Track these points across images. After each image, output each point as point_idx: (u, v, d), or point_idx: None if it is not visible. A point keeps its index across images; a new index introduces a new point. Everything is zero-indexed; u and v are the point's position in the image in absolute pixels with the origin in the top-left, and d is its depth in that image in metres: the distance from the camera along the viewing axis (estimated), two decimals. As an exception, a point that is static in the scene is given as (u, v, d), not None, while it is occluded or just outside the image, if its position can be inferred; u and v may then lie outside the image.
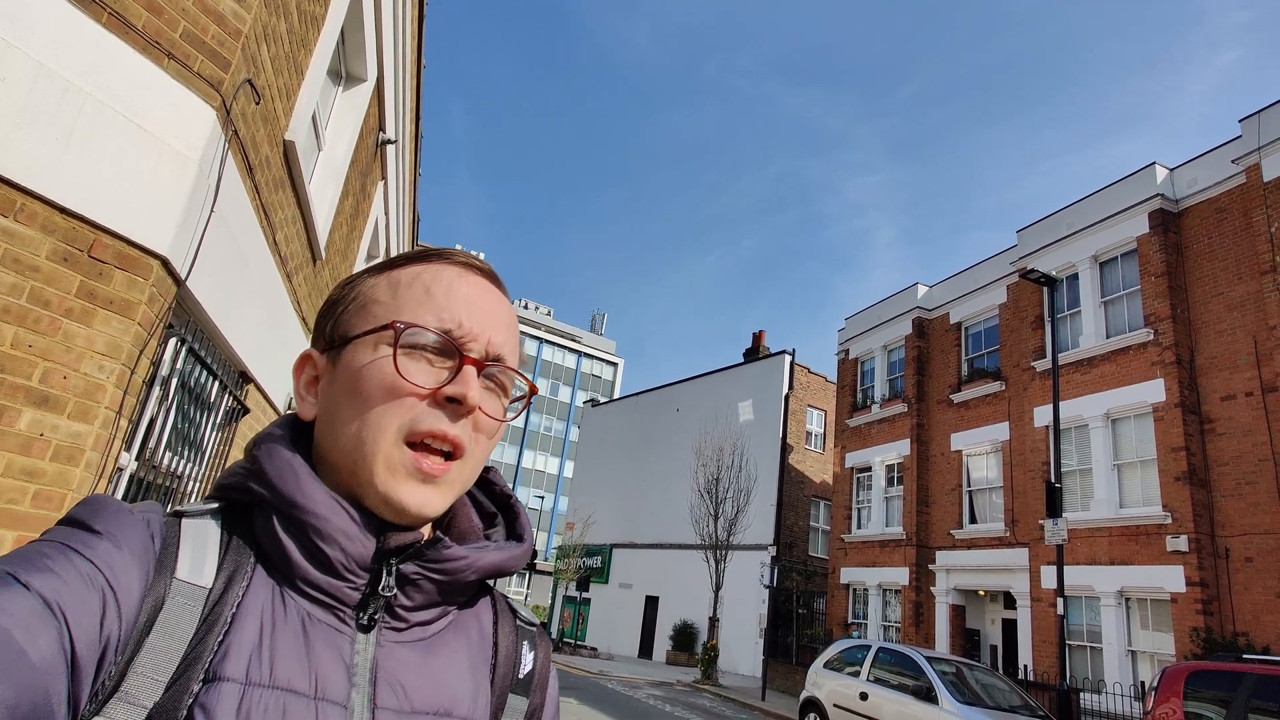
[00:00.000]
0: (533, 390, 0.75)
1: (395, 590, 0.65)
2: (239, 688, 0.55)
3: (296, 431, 0.70)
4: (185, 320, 3.34)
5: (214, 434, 4.21)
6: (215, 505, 0.67)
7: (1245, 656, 7.03)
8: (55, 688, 0.48)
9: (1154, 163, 14.81)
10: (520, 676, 0.76)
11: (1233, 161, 13.35)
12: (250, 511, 0.66)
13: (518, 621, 0.80)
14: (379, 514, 0.65)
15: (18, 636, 0.47)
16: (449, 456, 0.66)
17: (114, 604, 0.54)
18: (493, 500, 0.81)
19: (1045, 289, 15.44)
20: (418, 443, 0.65)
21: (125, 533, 0.58)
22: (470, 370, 0.66)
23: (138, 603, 0.56)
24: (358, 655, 0.63)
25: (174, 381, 3.27)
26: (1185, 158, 14.95)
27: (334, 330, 0.71)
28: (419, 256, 0.72)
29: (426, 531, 0.70)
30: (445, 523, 0.75)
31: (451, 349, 0.67)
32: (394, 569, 0.65)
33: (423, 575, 0.65)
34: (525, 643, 0.78)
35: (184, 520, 0.63)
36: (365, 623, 0.64)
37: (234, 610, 0.59)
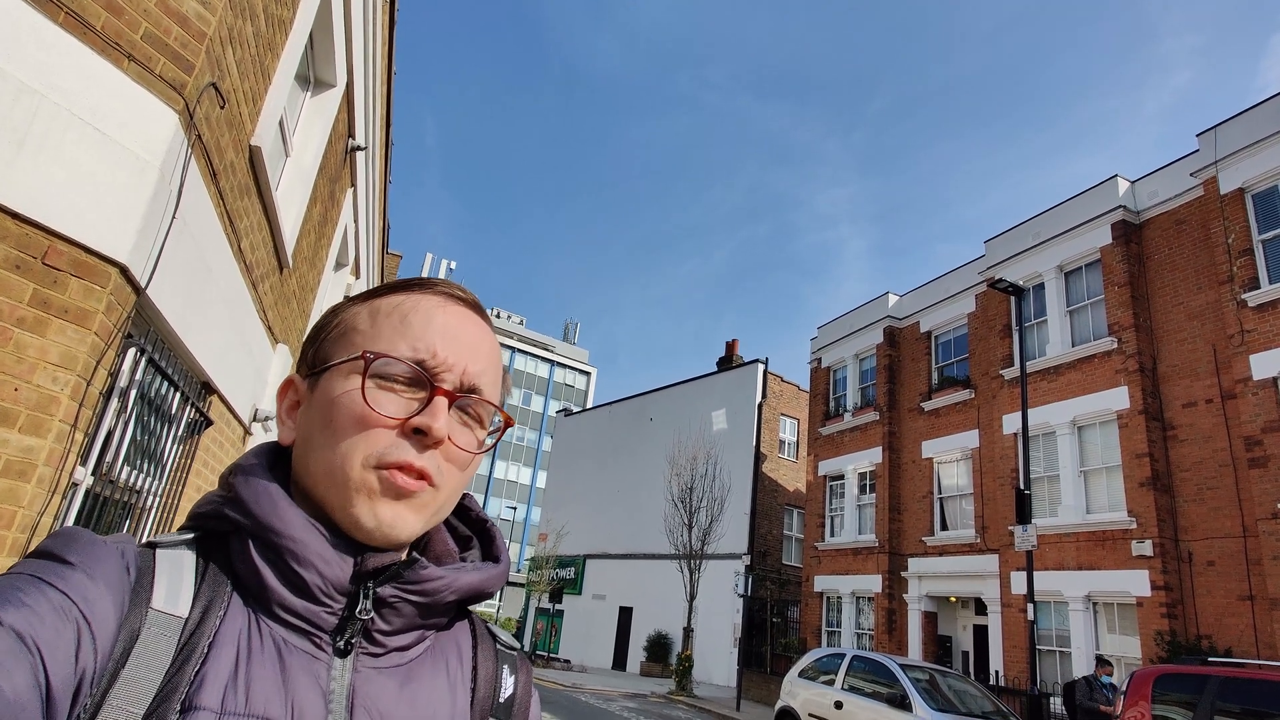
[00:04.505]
0: (508, 423, 0.74)
1: (373, 614, 0.64)
2: (214, 717, 0.55)
3: (273, 459, 0.70)
4: (145, 330, 3.24)
5: (175, 447, 4.08)
6: (191, 535, 0.66)
7: (1210, 659, 7.15)
8: None
9: (1116, 175, 15.18)
10: (501, 701, 0.75)
11: (1191, 174, 13.72)
12: (226, 540, 0.66)
13: (498, 646, 0.79)
14: (353, 536, 0.64)
15: None
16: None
17: (89, 636, 0.53)
18: (468, 525, 0.80)
19: (1013, 298, 15.70)
20: (386, 471, 0.65)
21: (99, 564, 0.57)
22: (441, 401, 0.66)
23: (113, 634, 0.55)
24: (334, 682, 0.62)
25: (133, 393, 3.17)
26: (1142, 174, 15.31)
27: (315, 357, 0.72)
28: (402, 286, 0.73)
29: (403, 555, 0.69)
30: (421, 547, 0.75)
31: (423, 379, 0.66)
32: (371, 592, 0.64)
33: (400, 598, 0.65)
34: (506, 667, 0.78)
35: (158, 550, 0.63)
36: (342, 648, 0.64)
37: (210, 640, 0.59)
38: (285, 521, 0.62)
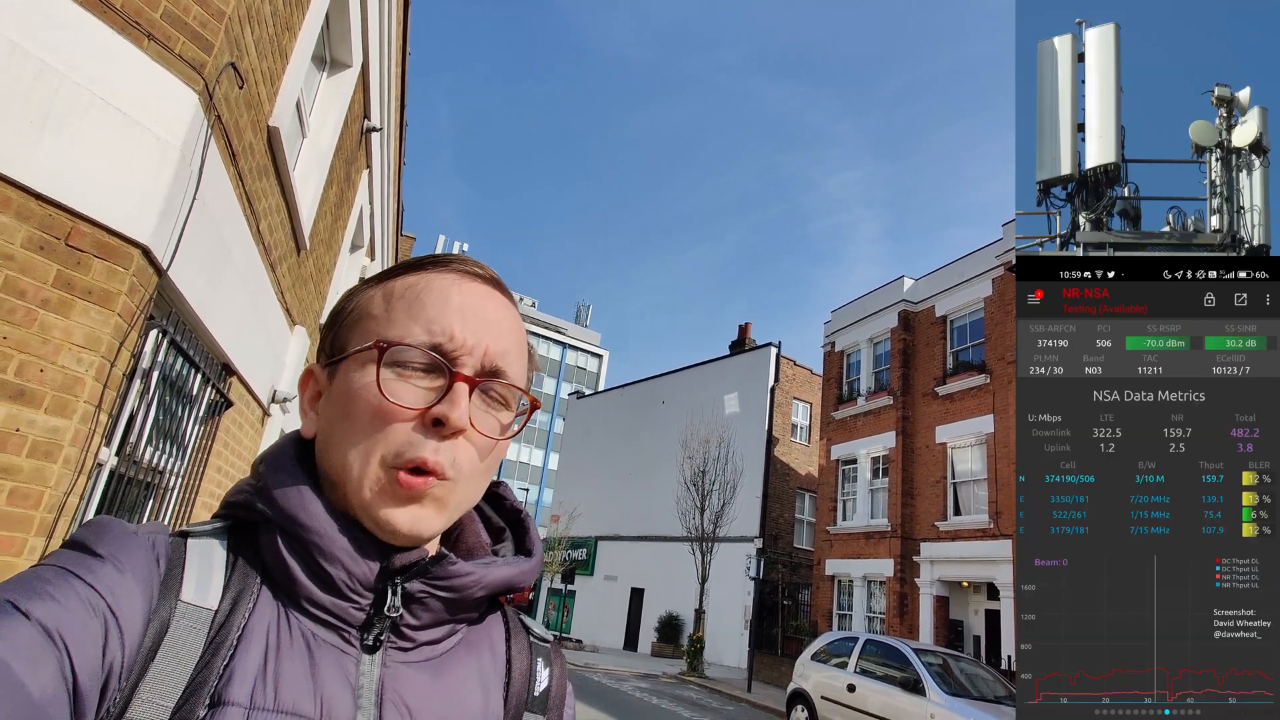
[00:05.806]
0: (534, 406, 0.72)
1: (401, 610, 0.64)
2: (243, 712, 0.54)
3: (303, 448, 0.68)
4: (167, 311, 3.24)
5: (196, 428, 4.11)
6: (221, 524, 0.65)
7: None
8: (56, 719, 0.47)
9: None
10: (536, 694, 0.74)
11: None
12: (257, 530, 0.64)
13: (531, 638, 0.78)
14: (377, 535, 0.63)
15: (17, 668, 0.46)
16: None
17: (116, 630, 0.53)
18: (502, 515, 0.79)
19: (1030, 282, 15.52)
20: (399, 474, 0.63)
21: (128, 555, 0.57)
22: (461, 389, 0.63)
23: (141, 627, 0.55)
24: (363, 676, 0.62)
25: (155, 374, 3.18)
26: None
27: (332, 345, 0.70)
28: (415, 265, 0.70)
29: (432, 548, 0.68)
30: (453, 539, 0.75)
31: (441, 366, 0.64)
32: (399, 588, 0.63)
33: (429, 593, 0.64)
34: (540, 659, 0.77)
35: (189, 540, 0.62)
36: (371, 643, 0.63)
37: (239, 633, 0.58)
38: (311, 516, 0.61)
